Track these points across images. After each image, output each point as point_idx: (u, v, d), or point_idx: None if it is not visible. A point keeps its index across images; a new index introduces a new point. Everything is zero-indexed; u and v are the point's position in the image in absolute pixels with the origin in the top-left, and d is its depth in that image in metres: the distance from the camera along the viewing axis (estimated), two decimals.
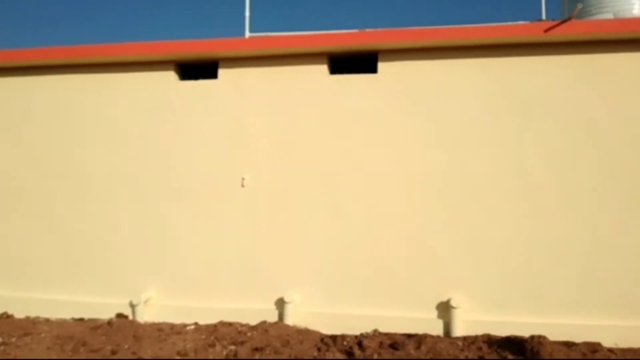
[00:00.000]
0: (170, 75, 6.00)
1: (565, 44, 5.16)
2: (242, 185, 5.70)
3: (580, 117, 5.12)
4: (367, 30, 5.85)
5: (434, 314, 5.21)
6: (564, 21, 4.99)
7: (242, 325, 5.25)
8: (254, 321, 5.32)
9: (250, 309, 5.46)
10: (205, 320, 5.41)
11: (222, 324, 5.31)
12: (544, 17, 5.73)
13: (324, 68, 5.70)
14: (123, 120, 6.02)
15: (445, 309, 5.17)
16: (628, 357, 4.38)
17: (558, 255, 5.06)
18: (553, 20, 5.24)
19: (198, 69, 6.05)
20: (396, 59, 5.54)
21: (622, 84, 5.07)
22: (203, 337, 4.93)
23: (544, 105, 5.18)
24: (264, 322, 5.26)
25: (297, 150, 5.64)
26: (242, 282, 5.60)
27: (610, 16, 5.18)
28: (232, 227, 5.67)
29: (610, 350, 4.49)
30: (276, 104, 5.74)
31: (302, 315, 5.38)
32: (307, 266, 5.50)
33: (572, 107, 5.13)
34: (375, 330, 5.04)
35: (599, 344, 4.53)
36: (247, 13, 6.69)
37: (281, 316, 5.42)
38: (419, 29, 5.44)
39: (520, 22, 5.35)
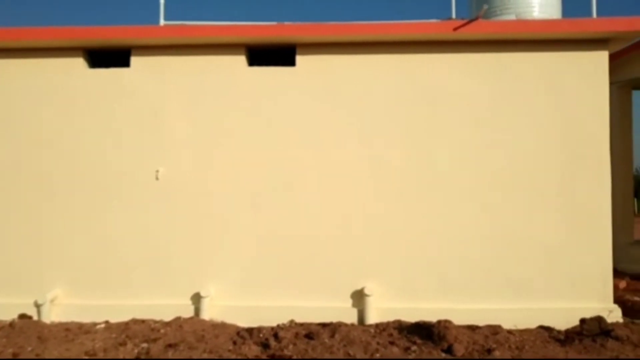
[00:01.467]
0: (78, 63, 5.71)
1: (472, 43, 5.41)
2: (157, 178, 5.54)
3: (486, 112, 5.40)
4: (286, 23, 5.83)
5: (349, 302, 5.35)
6: (471, 21, 5.23)
7: (155, 322, 5.14)
8: (168, 317, 5.22)
9: (164, 304, 5.35)
10: (117, 318, 5.25)
11: (135, 321, 5.17)
12: (454, 16, 5.97)
13: (242, 59, 5.64)
14: (25, 110, 5.67)
15: (359, 298, 5.31)
16: (525, 337, 4.70)
17: (464, 243, 5.34)
18: (462, 19, 5.45)
19: (110, 57, 5.80)
20: (314, 53, 5.58)
21: (524, 81, 5.39)
22: (114, 335, 4.77)
23: (454, 99, 5.42)
24: (178, 318, 5.17)
25: (215, 142, 5.56)
26: (156, 278, 5.47)
27: (513, 17, 5.48)
28: (146, 221, 5.51)
29: (510, 331, 4.80)
30: (193, 95, 5.62)
31: (219, 309, 5.34)
32: (224, 259, 5.46)
33: (479, 102, 5.40)
34: (292, 321, 5.09)
35: (499, 327, 4.84)
36: (162, 0, 6.47)
37: (197, 311, 5.35)
38: (336, 23, 5.50)
39: (432, 20, 5.53)
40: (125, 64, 5.71)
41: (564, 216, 5.30)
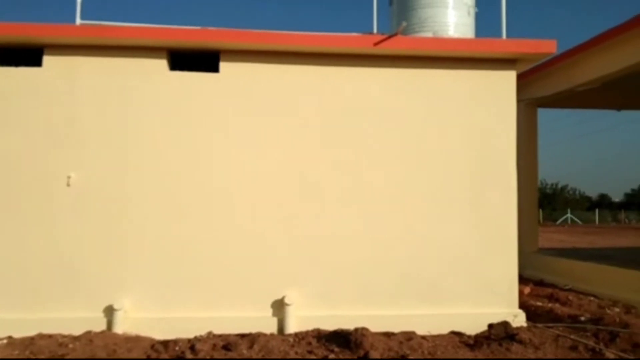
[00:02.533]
0: None
1: (392, 57, 5.60)
2: (68, 185, 5.27)
3: (404, 124, 5.60)
4: (210, 28, 5.76)
5: (269, 312, 5.34)
6: (390, 36, 5.42)
7: (63, 336, 4.86)
8: (78, 331, 4.95)
9: (74, 318, 5.08)
10: (21, 333, 4.91)
11: (41, 336, 4.86)
12: (375, 30, 6.16)
13: (163, 63, 5.51)
14: None
15: (279, 307, 5.31)
16: (437, 343, 4.89)
17: (382, 250, 5.49)
18: (383, 34, 5.64)
19: (20, 55, 5.46)
20: (239, 60, 5.56)
21: (440, 96, 5.64)
22: (16, 352, 4.46)
23: (374, 111, 5.58)
24: (89, 332, 4.92)
25: (133, 147, 5.38)
26: (66, 289, 5.19)
27: (430, 35, 5.74)
28: (55, 229, 5.22)
29: (423, 337, 4.99)
30: (110, 98, 5.41)
31: (133, 322, 5.14)
32: (140, 269, 5.28)
33: (398, 115, 5.60)
34: (210, 333, 5.00)
35: (413, 333, 5.02)
36: None
37: (110, 324, 5.12)
38: (261, 32, 5.51)
39: (354, 34, 5.68)
40: (37, 63, 5.41)
41: (475, 226, 5.59)
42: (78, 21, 6.00)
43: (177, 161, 5.40)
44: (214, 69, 5.55)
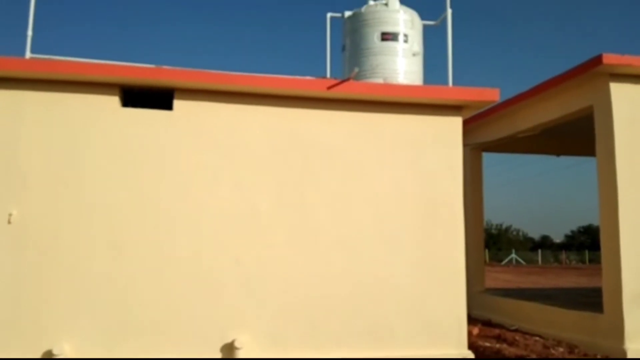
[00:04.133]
0: None
1: (344, 101, 5.76)
2: (9, 222, 5.04)
3: (355, 166, 5.72)
4: (164, 67, 5.76)
5: (218, 355, 5.19)
6: (343, 81, 5.58)
7: None
8: None
9: None
10: None
11: None
12: (328, 75, 6.32)
13: (115, 100, 5.44)
14: None
15: (229, 350, 5.19)
16: None
17: (332, 292, 5.49)
18: (336, 79, 5.80)
19: None
20: (193, 99, 5.56)
21: (390, 140, 5.81)
22: None
23: (325, 153, 5.68)
24: None
25: (79, 184, 5.23)
26: (2, 332, 4.88)
27: (381, 81, 5.95)
28: None
29: None
30: (57, 133, 5.28)
31: None
32: (81, 311, 5.05)
33: (349, 157, 5.72)
34: None
35: None
36: (30, 32, 6.07)
37: None
38: (215, 72, 5.56)
39: (307, 77, 5.81)
40: None
41: (424, 266, 5.69)
42: (28, 55, 5.88)
43: (125, 199, 5.28)
44: (168, 106, 5.53)
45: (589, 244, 50.12)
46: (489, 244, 50.05)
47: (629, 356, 5.75)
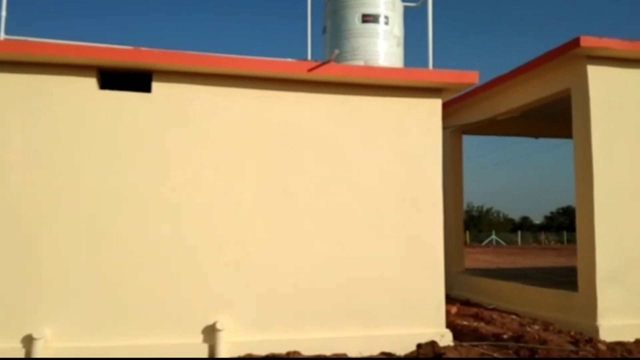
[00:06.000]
0: None
1: (325, 84, 5.75)
2: None
3: (337, 149, 5.73)
4: (142, 48, 5.68)
5: (200, 338, 5.22)
6: (324, 63, 5.57)
7: None
8: None
9: None
10: None
11: None
12: (309, 57, 6.30)
13: (92, 82, 5.36)
14: None
15: (210, 332, 5.21)
16: None
17: (314, 273, 5.54)
18: (317, 61, 5.78)
19: None
20: (171, 81, 5.50)
21: (371, 123, 5.83)
22: None
23: (308, 136, 5.68)
24: None
25: (58, 167, 5.16)
26: None
27: (361, 63, 5.94)
28: None
29: (355, 359, 5.04)
30: (34, 116, 5.19)
31: (55, 352, 4.87)
32: (63, 296, 5.02)
33: (331, 140, 5.73)
34: None
35: (345, 355, 5.08)
36: (3, 13, 5.93)
37: (29, 355, 4.82)
38: (194, 54, 5.50)
39: (288, 60, 5.78)
40: None
41: (404, 248, 5.76)
42: (2, 36, 5.75)
43: (105, 182, 5.23)
44: (146, 89, 5.47)
45: (568, 224, 51.15)
46: (470, 225, 50.78)
47: (601, 332, 5.92)
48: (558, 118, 8.54)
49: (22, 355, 4.82)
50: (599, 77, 6.44)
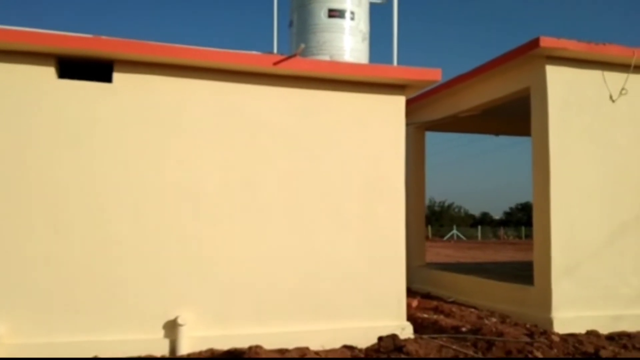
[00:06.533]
0: None
1: (291, 78, 5.73)
2: None
3: (300, 142, 5.74)
4: (103, 37, 5.54)
5: (161, 333, 5.15)
6: (289, 57, 5.55)
7: None
8: None
9: None
10: None
11: None
12: (275, 50, 6.27)
13: (51, 70, 5.19)
14: None
15: (171, 327, 5.14)
16: (330, 357, 5.01)
17: (276, 267, 5.54)
18: (283, 55, 5.75)
19: None
20: (133, 71, 5.38)
21: (335, 117, 5.86)
22: None
23: (272, 130, 5.66)
24: None
25: (14, 159, 4.99)
26: None
27: (327, 58, 5.96)
28: None
29: (317, 352, 5.08)
30: None
31: (10, 348, 4.71)
32: (16, 291, 4.87)
33: (295, 134, 5.72)
34: (95, 357, 4.74)
35: (307, 348, 5.10)
36: None
37: None
38: (157, 44, 5.38)
39: (253, 52, 5.74)
40: None
41: (366, 242, 5.82)
42: None
43: (64, 175, 5.09)
44: (107, 79, 5.34)
45: (526, 220, 52.65)
46: (432, 220, 51.68)
47: (555, 325, 6.13)
48: (518, 116, 8.76)
49: None
50: (557, 76, 6.62)
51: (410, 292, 7.81)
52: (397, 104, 6.05)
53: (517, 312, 6.78)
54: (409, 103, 6.38)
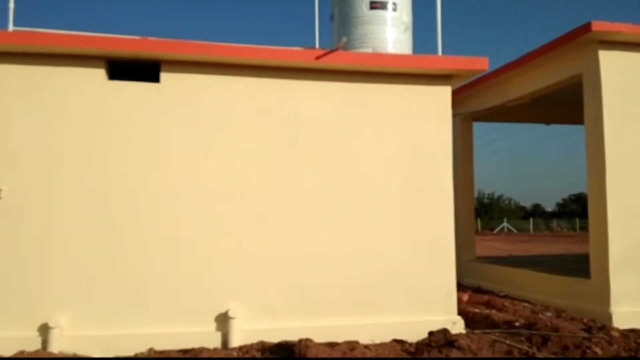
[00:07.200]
0: None
1: (333, 72, 5.72)
2: None
3: (343, 138, 5.71)
4: (150, 38, 5.68)
5: (212, 326, 5.26)
6: (331, 51, 5.54)
7: None
8: (10, 351, 4.72)
9: (5, 337, 4.82)
10: None
11: None
12: (317, 45, 6.26)
13: (101, 72, 5.37)
14: None
15: (223, 320, 5.25)
16: (380, 351, 4.99)
17: (324, 262, 5.55)
18: (324, 49, 5.75)
19: None
20: (180, 71, 5.50)
21: (379, 110, 5.80)
22: None
23: (314, 125, 5.66)
24: (21, 352, 4.70)
25: (68, 159, 5.20)
26: None
27: (370, 51, 5.90)
28: None
29: (366, 346, 5.06)
30: (45, 108, 5.22)
31: (70, 340, 4.94)
32: (77, 285, 5.08)
33: (338, 129, 5.71)
34: (151, 349, 4.89)
35: (357, 342, 5.09)
36: (12, 5, 5.96)
37: (45, 343, 4.89)
38: (202, 43, 5.48)
39: (296, 48, 5.75)
40: None
41: (414, 236, 5.74)
42: (11, 27, 5.77)
43: (117, 173, 5.27)
44: (155, 79, 5.48)
45: (580, 211, 50.81)
46: (481, 213, 50.58)
47: (614, 319, 5.89)
48: (570, 104, 8.44)
49: (39, 343, 4.88)
50: (610, 62, 6.35)
51: (461, 287, 7.67)
52: (442, 94, 5.94)
53: (573, 306, 6.55)
54: (454, 93, 6.25)
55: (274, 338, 5.06)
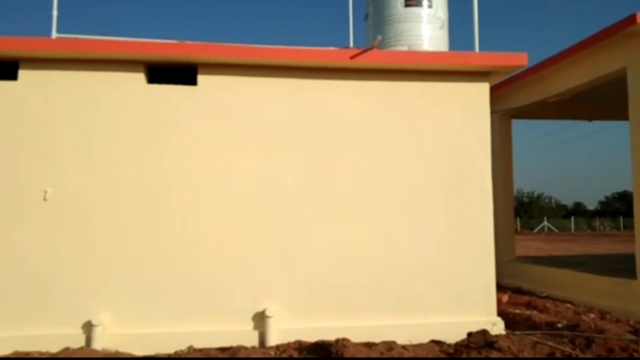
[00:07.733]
0: None
1: (368, 71, 5.69)
2: (45, 199, 5.21)
3: (379, 137, 5.68)
4: (187, 42, 5.78)
5: (250, 325, 5.32)
6: (366, 50, 5.51)
7: (41, 354, 4.78)
8: (55, 348, 4.88)
9: (52, 334, 4.99)
10: None
11: (17, 354, 4.77)
12: (351, 44, 6.25)
13: (141, 76, 5.50)
14: None
15: (260, 319, 5.30)
16: (418, 352, 4.93)
17: (361, 262, 5.53)
18: (359, 48, 5.73)
19: None
20: (216, 73, 5.58)
21: (415, 109, 5.75)
22: None
23: (350, 125, 5.65)
24: (67, 349, 4.84)
25: (111, 161, 5.35)
26: (42, 305, 5.10)
27: (405, 48, 5.85)
28: (29, 244, 5.15)
29: (404, 347, 5.02)
30: (86, 112, 5.38)
31: (112, 338, 5.07)
32: (119, 284, 5.22)
33: (373, 128, 5.68)
34: (190, 347, 4.98)
35: (394, 342, 5.04)
36: (55, 12, 6.16)
37: (89, 341, 5.04)
38: (238, 45, 5.55)
39: (331, 48, 5.75)
40: (13, 77, 5.36)
41: (452, 236, 5.66)
42: (54, 35, 5.97)
43: (156, 175, 5.39)
44: (192, 81, 5.57)
45: (624, 210, 49.16)
46: (520, 212, 49.50)
47: None
48: (613, 99, 8.18)
49: (83, 340, 5.04)
50: None
51: (500, 287, 7.52)
52: (480, 91, 5.84)
53: (618, 307, 6.34)
54: (492, 90, 6.13)
55: (311, 337, 5.07)
